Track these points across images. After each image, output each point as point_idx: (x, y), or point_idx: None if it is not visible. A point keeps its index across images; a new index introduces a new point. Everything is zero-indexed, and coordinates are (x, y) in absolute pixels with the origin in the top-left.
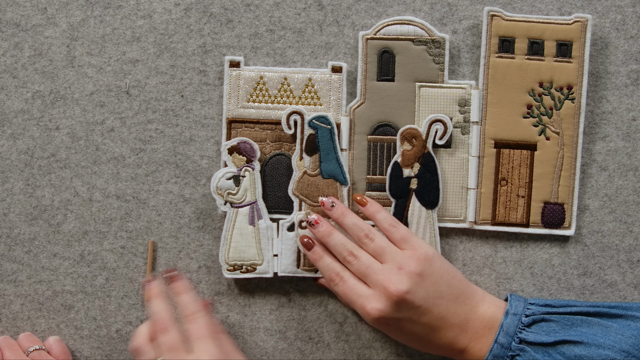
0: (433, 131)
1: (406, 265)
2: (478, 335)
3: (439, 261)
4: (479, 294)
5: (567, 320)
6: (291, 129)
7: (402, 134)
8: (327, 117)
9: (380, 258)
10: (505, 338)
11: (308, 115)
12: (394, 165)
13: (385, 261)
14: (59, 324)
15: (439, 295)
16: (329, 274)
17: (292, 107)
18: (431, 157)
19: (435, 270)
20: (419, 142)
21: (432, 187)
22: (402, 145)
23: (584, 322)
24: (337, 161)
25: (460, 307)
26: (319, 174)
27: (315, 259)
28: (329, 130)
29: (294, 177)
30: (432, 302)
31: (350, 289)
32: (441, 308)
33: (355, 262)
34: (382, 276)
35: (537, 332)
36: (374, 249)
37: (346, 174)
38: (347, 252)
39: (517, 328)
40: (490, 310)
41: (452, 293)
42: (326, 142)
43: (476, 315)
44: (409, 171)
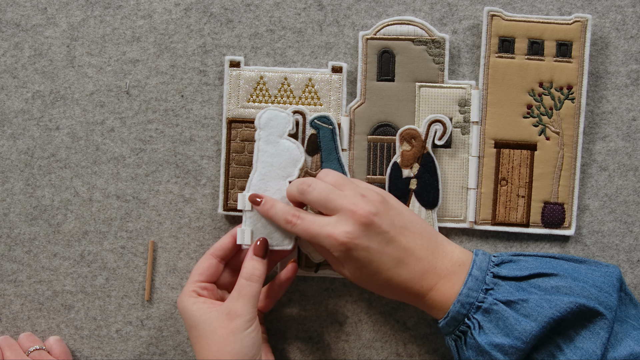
0: (432, 131)
1: (368, 194)
2: (448, 273)
3: (396, 199)
4: (442, 237)
5: (535, 260)
6: (293, 128)
7: (401, 135)
8: (329, 117)
9: (340, 188)
10: (479, 272)
11: (310, 115)
12: (393, 166)
13: (346, 190)
14: (59, 324)
15: (404, 226)
16: (285, 217)
17: (293, 106)
18: (430, 157)
19: (395, 204)
20: (418, 142)
21: (431, 188)
22: (402, 146)
23: (552, 262)
24: (338, 161)
25: (426, 241)
26: None
27: (268, 209)
28: (330, 130)
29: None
30: (398, 230)
31: (311, 222)
32: (408, 238)
33: (310, 190)
34: (346, 200)
35: (509, 269)
36: (333, 180)
37: (347, 174)
38: (304, 184)
39: (489, 265)
40: (458, 250)
41: (415, 227)
42: (328, 142)
43: (445, 253)
44: (408, 171)
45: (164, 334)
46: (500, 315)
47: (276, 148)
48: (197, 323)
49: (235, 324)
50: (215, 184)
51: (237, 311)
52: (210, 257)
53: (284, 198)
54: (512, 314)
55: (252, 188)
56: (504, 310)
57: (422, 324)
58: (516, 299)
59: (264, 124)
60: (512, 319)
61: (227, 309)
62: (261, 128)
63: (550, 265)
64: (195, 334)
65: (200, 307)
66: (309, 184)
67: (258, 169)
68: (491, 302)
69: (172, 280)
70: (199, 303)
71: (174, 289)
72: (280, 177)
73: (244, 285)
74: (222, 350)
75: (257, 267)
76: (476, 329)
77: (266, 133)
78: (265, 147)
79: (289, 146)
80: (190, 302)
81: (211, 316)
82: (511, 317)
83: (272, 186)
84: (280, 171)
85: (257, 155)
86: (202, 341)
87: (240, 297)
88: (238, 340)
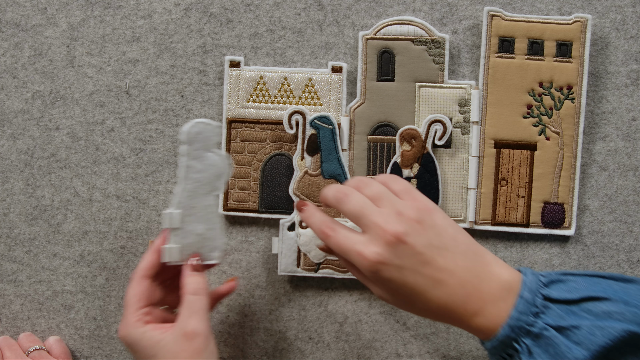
0: (432, 132)
1: (405, 212)
2: (495, 298)
3: (442, 215)
4: (490, 255)
5: (584, 280)
6: (293, 128)
7: (401, 135)
8: (329, 117)
9: (377, 203)
10: (529, 294)
11: (310, 115)
12: (394, 166)
13: (382, 206)
14: (59, 324)
15: (443, 246)
16: (320, 227)
17: (294, 106)
18: (430, 157)
19: (438, 222)
20: (418, 142)
21: (431, 188)
22: (402, 146)
23: (601, 282)
24: (338, 161)
25: (470, 262)
26: (320, 174)
27: (308, 216)
28: (330, 130)
29: (295, 177)
30: (435, 251)
31: (344, 237)
32: (447, 259)
33: (347, 200)
34: (379, 217)
35: (560, 290)
36: (371, 193)
37: (347, 175)
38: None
39: (539, 285)
40: (507, 272)
41: (458, 247)
42: (328, 142)
43: (492, 275)
44: (408, 172)
45: None
46: (551, 342)
47: (203, 163)
48: (155, 352)
49: (196, 344)
50: None
51: (194, 330)
52: (142, 279)
53: (211, 214)
54: (563, 341)
55: (180, 205)
56: (555, 336)
57: (422, 324)
58: (568, 325)
59: (192, 139)
60: (563, 346)
61: (182, 329)
62: (187, 143)
63: (601, 287)
64: None
65: (153, 334)
66: (347, 193)
67: (185, 185)
68: (542, 327)
69: None
70: (149, 331)
71: None
72: (208, 193)
73: (193, 301)
74: None
75: (200, 281)
76: (525, 354)
77: (193, 148)
78: (192, 163)
79: (215, 160)
80: (139, 332)
81: (168, 341)
82: (562, 344)
83: (201, 202)
84: (208, 187)
85: (183, 171)
86: None
87: (193, 313)
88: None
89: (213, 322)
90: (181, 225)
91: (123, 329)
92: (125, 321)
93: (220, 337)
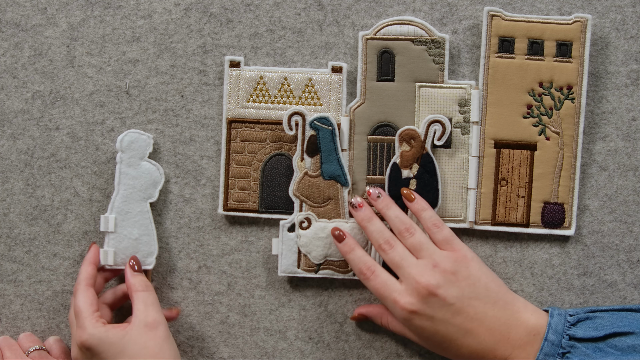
0: (431, 132)
1: (441, 263)
2: (522, 343)
3: (477, 264)
4: (521, 302)
5: (611, 316)
6: (292, 129)
7: (401, 135)
8: (329, 118)
9: (417, 253)
10: (554, 335)
11: (309, 116)
12: (393, 166)
13: (421, 257)
14: (59, 324)
15: (475, 296)
16: (360, 267)
17: (293, 107)
18: (430, 157)
19: (472, 272)
20: (418, 143)
21: (431, 188)
22: (401, 146)
23: (628, 316)
24: (338, 162)
25: (500, 311)
26: (320, 175)
27: (346, 251)
28: (330, 131)
29: (294, 178)
30: (467, 302)
31: (382, 283)
32: (477, 309)
33: (390, 251)
34: (415, 270)
35: (585, 329)
36: (412, 243)
37: (347, 175)
38: (383, 240)
39: (565, 326)
40: (534, 317)
41: (490, 296)
42: (327, 144)
43: (519, 322)
44: (407, 172)
45: None
46: None
47: (137, 170)
48: (123, 346)
49: (160, 332)
50: (215, 184)
51: (155, 319)
52: (88, 288)
53: (146, 220)
54: None
55: (115, 210)
56: None
57: None
58: None
59: (126, 147)
60: None
61: (142, 321)
62: (122, 151)
63: (627, 321)
64: (125, 359)
65: (115, 331)
66: (390, 243)
67: (120, 191)
68: None
69: (172, 280)
70: (111, 329)
71: (173, 289)
72: (142, 199)
73: (145, 296)
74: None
75: (143, 279)
76: None
77: (127, 156)
78: (126, 169)
79: (149, 168)
80: (101, 331)
81: (132, 334)
82: None
83: (134, 208)
84: (142, 193)
85: (118, 177)
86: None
87: (148, 305)
88: (171, 344)
89: (213, 322)
90: (116, 229)
91: (83, 334)
92: (83, 326)
93: (220, 337)
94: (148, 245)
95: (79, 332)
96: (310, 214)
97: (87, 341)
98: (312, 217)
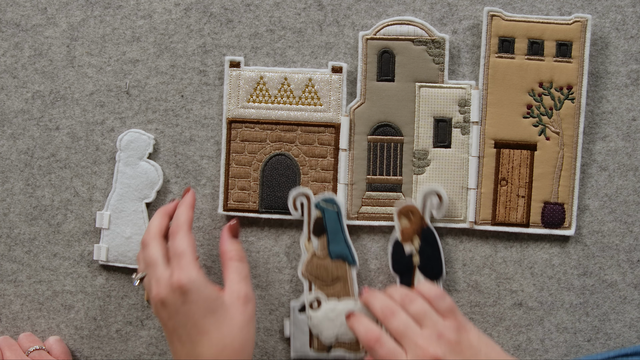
0: (429, 204)
1: (446, 333)
2: None
3: (477, 334)
4: None
5: None
6: (297, 210)
7: (399, 211)
8: (334, 199)
9: (421, 322)
10: None
11: (314, 198)
12: (395, 243)
13: (425, 326)
14: (59, 324)
15: None
16: (367, 338)
17: (298, 189)
18: (430, 230)
19: (474, 342)
20: (417, 217)
21: (434, 260)
22: (400, 222)
23: None
24: (345, 242)
25: None
26: (327, 255)
27: (353, 322)
28: (336, 212)
29: (302, 259)
30: None
31: (388, 353)
32: None
33: (393, 319)
34: (420, 340)
35: None
36: (416, 311)
37: (355, 255)
38: (388, 309)
39: None
40: None
41: None
42: (334, 224)
43: None
44: (410, 247)
45: (163, 334)
46: None
47: (135, 170)
48: (214, 307)
49: (249, 309)
50: (215, 184)
51: (247, 294)
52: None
53: (139, 219)
54: None
55: (110, 208)
56: None
57: None
58: None
59: (125, 146)
60: None
61: (235, 293)
62: (121, 150)
63: None
64: (212, 320)
65: (213, 288)
66: (393, 312)
67: (116, 189)
68: None
69: None
70: (211, 285)
71: None
72: (137, 199)
73: (239, 267)
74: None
75: (239, 248)
76: None
77: (126, 155)
78: (124, 168)
79: (147, 168)
80: (203, 279)
81: (225, 300)
82: None
83: (129, 207)
84: (138, 193)
85: (116, 176)
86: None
87: (242, 279)
88: (254, 326)
89: None
90: (110, 226)
91: (183, 275)
92: (185, 268)
93: None
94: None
95: (178, 272)
96: (320, 294)
97: (186, 284)
98: (322, 297)
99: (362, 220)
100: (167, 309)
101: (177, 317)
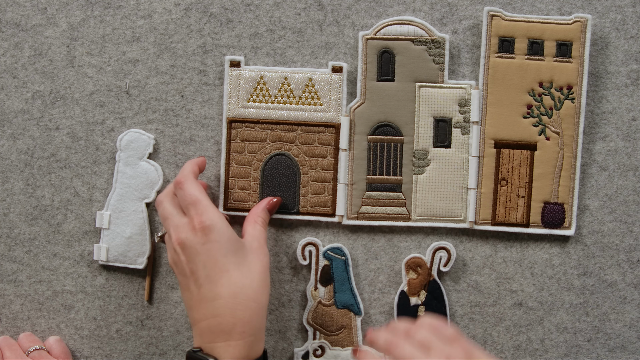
0: (437, 259)
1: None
2: None
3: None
4: None
5: None
6: (306, 259)
7: (407, 263)
8: (342, 248)
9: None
10: None
11: (323, 247)
12: (401, 295)
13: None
14: (59, 324)
15: None
16: None
17: (307, 238)
18: (437, 284)
19: None
20: (424, 270)
21: (439, 314)
22: (407, 275)
23: None
24: (351, 292)
25: None
26: (333, 304)
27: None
28: (343, 261)
29: (308, 307)
30: None
31: None
32: None
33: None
34: None
35: None
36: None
37: (360, 305)
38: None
39: None
40: None
41: None
42: (341, 273)
43: None
44: (416, 299)
45: (164, 334)
46: None
47: (135, 170)
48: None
49: (265, 261)
50: (215, 184)
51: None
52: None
53: (139, 219)
54: None
55: (111, 208)
56: None
57: None
58: None
59: (124, 146)
60: None
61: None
62: (121, 150)
63: None
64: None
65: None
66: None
67: (116, 189)
68: None
69: (172, 280)
70: (231, 228)
71: (173, 289)
72: (137, 199)
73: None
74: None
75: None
76: None
77: (126, 155)
78: (124, 168)
79: (147, 168)
80: (224, 221)
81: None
82: None
83: (129, 207)
84: (138, 193)
85: (116, 176)
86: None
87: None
88: (268, 277)
89: None
90: (110, 226)
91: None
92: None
93: None
94: (140, 245)
95: (199, 217)
96: (324, 342)
97: (209, 225)
98: (326, 345)
99: (362, 220)
100: (187, 251)
101: (197, 257)
